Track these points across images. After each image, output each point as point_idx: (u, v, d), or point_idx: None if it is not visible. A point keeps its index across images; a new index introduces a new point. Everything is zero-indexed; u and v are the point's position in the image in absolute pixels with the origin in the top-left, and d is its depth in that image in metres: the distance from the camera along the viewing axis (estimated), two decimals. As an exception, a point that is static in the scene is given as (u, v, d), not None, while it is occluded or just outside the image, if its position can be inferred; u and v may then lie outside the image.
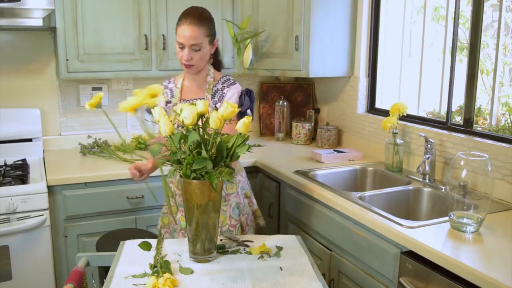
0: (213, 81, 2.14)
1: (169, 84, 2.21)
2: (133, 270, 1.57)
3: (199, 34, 1.97)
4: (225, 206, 2.12)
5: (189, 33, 1.96)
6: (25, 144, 2.92)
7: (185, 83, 2.18)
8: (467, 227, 1.73)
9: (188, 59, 1.99)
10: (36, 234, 2.41)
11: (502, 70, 2.34)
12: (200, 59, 2.03)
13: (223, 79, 2.14)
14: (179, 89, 2.16)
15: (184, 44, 1.98)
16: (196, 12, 2.00)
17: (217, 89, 2.12)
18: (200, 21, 1.98)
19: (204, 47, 2.01)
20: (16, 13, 2.46)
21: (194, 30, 1.96)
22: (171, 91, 2.19)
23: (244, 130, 1.62)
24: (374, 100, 3.00)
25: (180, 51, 2.01)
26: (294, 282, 1.51)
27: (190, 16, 1.98)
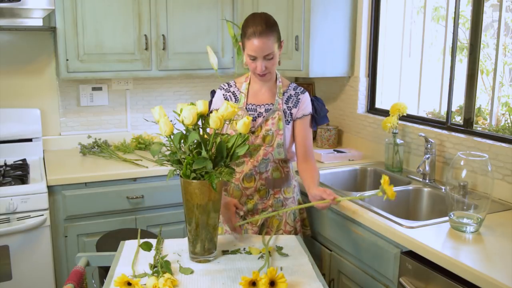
0: (282, 86, 2.08)
1: (231, 88, 2.10)
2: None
3: (270, 43, 1.90)
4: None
5: (261, 45, 1.89)
6: (25, 144, 2.92)
7: (253, 87, 2.08)
8: (467, 227, 1.73)
9: (263, 70, 1.94)
10: (36, 234, 2.41)
11: (502, 70, 2.34)
12: (273, 65, 1.97)
13: (292, 86, 2.10)
14: (244, 93, 2.07)
15: (256, 55, 1.92)
16: (261, 21, 1.91)
17: (290, 95, 2.07)
18: (268, 30, 1.90)
19: (276, 54, 1.95)
20: (16, 13, 2.46)
21: (265, 42, 1.89)
22: (234, 95, 2.09)
23: (244, 130, 1.62)
24: (374, 100, 3.00)
25: (252, 62, 1.95)
26: (294, 282, 1.51)
27: (258, 28, 1.89)
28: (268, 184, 2.06)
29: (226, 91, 2.10)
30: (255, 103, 2.06)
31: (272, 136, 2.02)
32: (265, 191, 2.06)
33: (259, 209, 2.06)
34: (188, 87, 3.37)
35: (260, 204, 2.06)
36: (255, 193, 2.05)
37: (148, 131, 3.26)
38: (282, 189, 2.09)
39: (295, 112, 2.06)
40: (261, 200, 2.06)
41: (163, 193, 2.70)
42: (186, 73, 3.02)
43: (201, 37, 2.98)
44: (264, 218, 2.07)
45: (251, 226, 2.07)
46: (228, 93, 2.09)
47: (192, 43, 2.95)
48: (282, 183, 2.09)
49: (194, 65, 2.99)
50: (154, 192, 2.68)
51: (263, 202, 2.07)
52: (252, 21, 1.92)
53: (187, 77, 3.32)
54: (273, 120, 2.02)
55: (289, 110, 2.06)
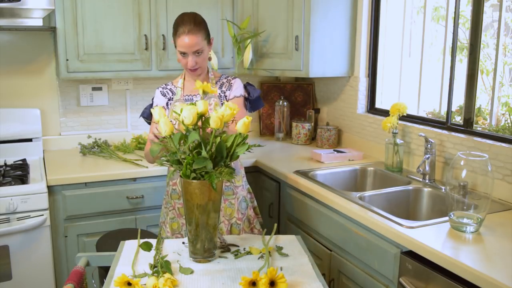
0: (214, 78, 2.24)
1: (168, 86, 2.26)
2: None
3: (199, 39, 2.06)
4: (233, 199, 2.18)
5: (190, 42, 2.04)
6: (25, 144, 2.92)
7: (187, 82, 2.24)
8: (467, 227, 1.73)
9: (193, 65, 2.09)
10: (36, 234, 2.41)
11: (502, 70, 2.34)
12: (203, 61, 2.13)
13: (224, 76, 2.27)
14: (181, 87, 2.23)
15: (187, 51, 2.07)
16: (190, 19, 2.07)
17: (222, 82, 2.23)
18: (196, 27, 2.06)
19: (205, 49, 2.11)
20: (16, 13, 2.46)
21: (193, 38, 2.05)
22: (171, 91, 2.24)
23: (244, 130, 1.62)
24: (374, 100, 3.00)
25: (183, 58, 2.10)
26: (294, 282, 1.51)
27: (186, 25, 2.05)
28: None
29: (163, 88, 2.25)
30: (191, 93, 2.21)
31: None
32: None
33: None
34: (188, 87, 3.37)
35: None
36: None
37: (148, 131, 3.25)
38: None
39: (228, 95, 2.20)
40: None
41: (163, 193, 2.69)
42: (186, 73, 3.01)
43: (201, 37, 2.97)
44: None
45: None
46: (165, 90, 2.24)
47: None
48: None
49: (194, 65, 2.98)
50: (154, 192, 2.68)
51: None
52: (181, 20, 2.08)
53: (187, 77, 3.31)
54: (210, 107, 2.10)
55: (223, 93, 2.20)
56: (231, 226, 2.17)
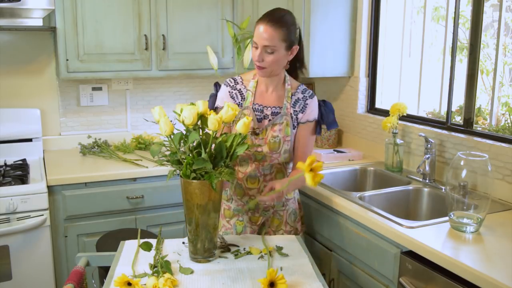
0: (290, 89, 2.01)
1: (237, 85, 2.04)
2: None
3: (274, 36, 1.84)
4: (282, 211, 2.08)
5: (263, 34, 1.84)
6: (25, 144, 2.92)
7: (260, 86, 2.02)
8: (467, 227, 1.73)
9: (258, 60, 1.88)
10: (36, 234, 2.41)
11: (502, 70, 2.34)
12: (273, 63, 1.88)
13: (301, 88, 2.04)
14: (252, 92, 2.00)
15: (257, 44, 1.87)
16: (277, 14, 1.89)
17: (298, 98, 2.01)
18: (278, 23, 1.85)
19: (279, 51, 1.87)
20: (16, 13, 2.46)
21: (269, 32, 1.83)
22: (240, 93, 2.02)
23: (244, 131, 1.62)
24: (374, 100, 3.00)
25: (254, 51, 1.89)
26: (294, 282, 1.51)
27: (269, 17, 1.87)
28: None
29: (232, 88, 2.03)
30: (262, 103, 2.00)
31: (279, 143, 1.96)
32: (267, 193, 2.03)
33: (260, 208, 2.05)
34: (188, 87, 3.37)
35: (261, 204, 2.03)
36: (258, 194, 2.02)
37: (148, 131, 3.26)
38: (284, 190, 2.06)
39: (300, 117, 2.01)
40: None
41: (163, 193, 2.70)
42: (186, 73, 3.02)
43: (201, 37, 2.97)
44: (265, 218, 2.07)
45: (250, 225, 2.07)
46: (234, 91, 2.03)
47: (192, 43, 2.95)
48: None
49: (194, 65, 2.99)
50: (154, 192, 2.68)
51: (265, 203, 2.02)
52: (270, 11, 1.91)
53: (187, 77, 3.32)
54: (280, 126, 1.96)
55: (295, 114, 2.00)
56: None
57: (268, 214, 2.06)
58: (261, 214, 2.06)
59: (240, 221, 2.08)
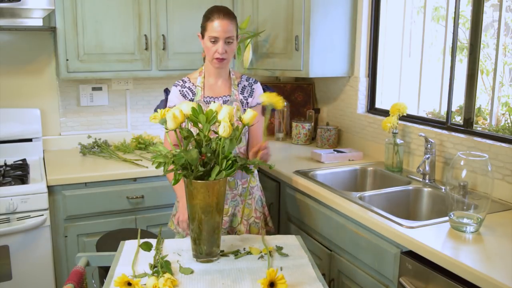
0: (235, 78, 2.19)
1: (186, 83, 2.17)
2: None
3: (232, 27, 2.03)
4: (250, 199, 2.20)
5: (223, 26, 2.00)
6: (25, 144, 2.92)
7: (208, 81, 2.16)
8: (467, 227, 1.73)
9: (223, 52, 2.02)
10: (36, 234, 2.41)
11: (502, 70, 2.34)
12: (232, 52, 2.08)
13: (244, 77, 2.22)
14: (201, 87, 2.15)
15: (219, 37, 2.01)
16: (226, 9, 2.06)
17: (244, 85, 2.18)
18: (232, 16, 2.05)
19: (235, 41, 2.07)
20: (16, 13, 2.46)
21: (227, 24, 2.01)
22: (190, 90, 2.15)
23: (251, 121, 1.69)
24: (374, 100, 3.00)
25: (212, 46, 2.03)
26: (294, 282, 1.51)
27: (221, 12, 2.03)
28: (236, 176, 2.15)
29: (182, 87, 2.16)
30: (212, 95, 2.14)
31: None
32: (233, 182, 2.15)
33: (228, 199, 2.14)
34: (188, 87, 3.37)
35: (229, 194, 2.14)
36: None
37: (148, 131, 3.26)
38: (248, 178, 2.17)
39: (250, 101, 2.16)
40: (230, 190, 2.14)
41: (163, 193, 2.70)
42: (186, 73, 2.97)
43: (201, 37, 2.97)
44: (234, 208, 2.16)
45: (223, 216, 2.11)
46: (184, 89, 2.15)
47: (192, 43, 2.95)
48: None
49: (194, 65, 2.98)
50: (154, 192, 2.68)
51: (232, 192, 2.15)
52: (215, 8, 2.07)
53: (187, 77, 3.31)
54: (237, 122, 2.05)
55: (245, 99, 2.16)
56: (250, 226, 2.18)
57: (235, 203, 2.16)
58: (230, 205, 2.15)
59: None
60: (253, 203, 2.20)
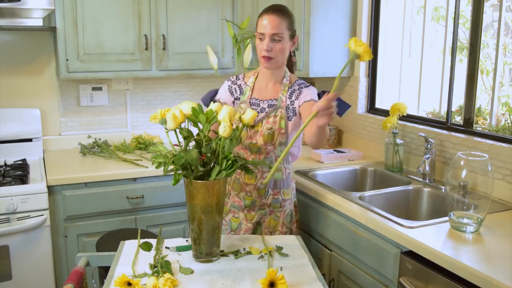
0: (288, 83, 2.07)
1: (238, 81, 2.13)
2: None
3: (280, 24, 1.93)
4: (279, 212, 2.09)
5: (270, 23, 1.93)
6: (25, 144, 2.92)
7: (259, 82, 2.10)
8: (467, 227, 1.73)
9: (268, 49, 1.94)
10: (36, 234, 2.41)
11: (502, 70, 2.34)
12: (280, 52, 1.97)
13: (298, 81, 2.10)
14: (250, 87, 2.09)
15: (264, 34, 1.94)
16: (277, 6, 2.00)
17: (293, 89, 2.06)
18: (282, 13, 1.96)
19: (284, 39, 1.96)
20: (16, 13, 2.46)
21: (275, 20, 1.93)
22: (239, 88, 2.11)
23: (251, 121, 1.68)
24: (374, 100, 3.00)
25: (260, 43, 1.97)
26: (294, 282, 1.51)
27: (272, 8, 1.97)
28: (268, 184, 2.06)
29: (232, 83, 2.13)
30: (259, 98, 2.07)
31: (273, 135, 2.01)
32: (264, 190, 2.06)
33: (256, 206, 2.07)
34: (188, 87, 3.37)
35: (258, 202, 2.07)
36: (254, 190, 2.05)
37: (148, 131, 3.26)
38: (281, 190, 2.09)
39: (297, 104, 2.04)
40: (259, 198, 2.06)
41: (163, 193, 2.70)
42: (186, 73, 3.02)
43: (201, 37, 2.97)
44: (260, 217, 2.08)
45: (245, 222, 2.08)
46: (234, 85, 2.12)
47: (192, 43, 2.95)
48: (283, 184, 2.09)
49: (194, 65, 2.99)
50: (154, 192, 2.68)
51: (261, 200, 2.07)
52: (270, 5, 1.99)
53: (187, 77, 3.32)
54: (275, 118, 2.01)
55: (292, 104, 2.04)
56: None
57: (263, 212, 2.08)
58: (257, 212, 2.08)
59: (235, 218, 2.10)
60: (282, 216, 2.10)
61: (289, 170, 2.12)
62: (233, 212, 2.11)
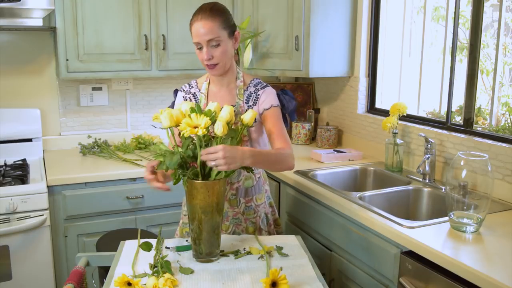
0: (243, 85, 1.92)
1: (192, 89, 1.99)
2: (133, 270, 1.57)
3: (213, 27, 1.76)
4: (254, 218, 1.98)
5: (202, 29, 1.76)
6: (25, 144, 2.92)
7: (212, 88, 1.95)
8: (467, 227, 1.73)
9: (208, 57, 1.79)
10: (36, 234, 2.41)
11: (502, 70, 2.34)
12: (222, 55, 1.80)
13: (254, 82, 1.94)
14: (205, 94, 1.94)
15: (200, 42, 1.79)
16: (206, 7, 1.81)
17: (250, 92, 1.91)
18: (212, 14, 1.78)
19: (223, 40, 1.79)
20: (16, 13, 2.46)
21: (206, 24, 1.76)
22: (194, 96, 1.97)
23: (250, 122, 1.67)
24: (374, 100, 3.00)
25: (200, 53, 1.82)
26: (294, 282, 1.51)
27: (200, 12, 1.80)
28: (239, 194, 1.95)
29: (186, 92, 1.98)
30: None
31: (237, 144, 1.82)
32: (235, 200, 1.95)
33: (229, 216, 1.96)
34: (188, 87, 3.37)
35: (230, 212, 1.96)
36: (225, 202, 1.93)
37: (148, 131, 3.26)
38: (254, 196, 1.97)
39: (257, 111, 1.90)
40: (231, 208, 1.95)
41: (163, 193, 2.66)
42: (186, 73, 3.02)
43: (201, 37, 2.97)
44: (235, 225, 1.97)
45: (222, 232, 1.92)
46: (188, 95, 1.97)
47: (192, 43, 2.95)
48: (254, 190, 1.98)
49: (194, 65, 2.99)
50: (154, 192, 2.67)
51: (234, 210, 1.95)
52: (198, 8, 1.83)
53: (187, 77, 3.31)
54: (236, 126, 1.78)
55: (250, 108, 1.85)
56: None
57: (237, 221, 1.97)
58: (231, 222, 1.97)
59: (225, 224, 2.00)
60: (258, 222, 1.99)
61: (259, 174, 2.01)
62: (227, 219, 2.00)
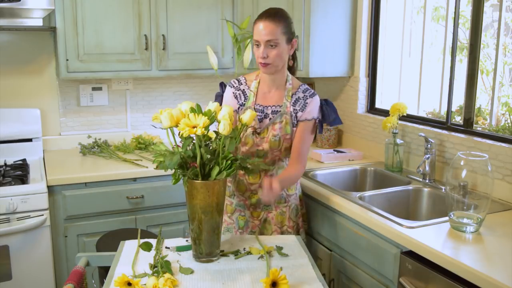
0: (291, 89, 2.06)
1: (241, 86, 2.10)
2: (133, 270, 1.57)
3: (274, 29, 1.90)
4: (285, 207, 2.12)
5: (264, 29, 1.90)
6: (25, 144, 2.92)
7: (262, 87, 2.08)
8: (467, 227, 1.73)
9: (263, 56, 1.92)
10: (36, 234, 2.41)
11: (502, 70, 2.34)
12: (277, 57, 1.93)
13: (302, 87, 2.08)
14: (254, 92, 2.07)
15: (259, 41, 1.92)
16: (272, 10, 1.96)
17: (298, 97, 2.05)
18: (276, 17, 1.92)
19: (281, 44, 1.92)
20: (16, 13, 2.46)
21: (269, 26, 1.90)
22: (243, 93, 2.09)
23: (250, 122, 1.68)
24: (374, 100, 3.00)
25: (257, 50, 1.95)
26: (294, 282, 1.51)
27: (266, 13, 1.94)
28: None
29: (236, 89, 2.10)
30: (263, 104, 2.06)
31: (280, 141, 2.02)
32: None
33: (261, 203, 2.10)
34: (188, 87, 3.37)
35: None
36: (259, 189, 2.06)
37: (148, 131, 3.26)
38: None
39: (300, 116, 2.05)
40: None
41: (163, 193, 2.70)
42: (186, 73, 3.02)
43: (201, 37, 2.97)
44: (266, 214, 2.11)
45: (252, 219, 2.11)
46: (238, 91, 2.09)
47: (192, 43, 2.95)
48: None
49: (194, 65, 2.99)
50: (154, 192, 2.68)
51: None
52: (265, 10, 1.96)
53: (187, 77, 3.32)
54: (280, 124, 2.02)
55: (295, 113, 2.05)
56: (282, 234, 2.12)
57: (269, 209, 2.11)
58: (263, 209, 2.11)
59: (242, 216, 2.12)
60: (287, 211, 2.13)
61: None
62: (239, 211, 2.13)
